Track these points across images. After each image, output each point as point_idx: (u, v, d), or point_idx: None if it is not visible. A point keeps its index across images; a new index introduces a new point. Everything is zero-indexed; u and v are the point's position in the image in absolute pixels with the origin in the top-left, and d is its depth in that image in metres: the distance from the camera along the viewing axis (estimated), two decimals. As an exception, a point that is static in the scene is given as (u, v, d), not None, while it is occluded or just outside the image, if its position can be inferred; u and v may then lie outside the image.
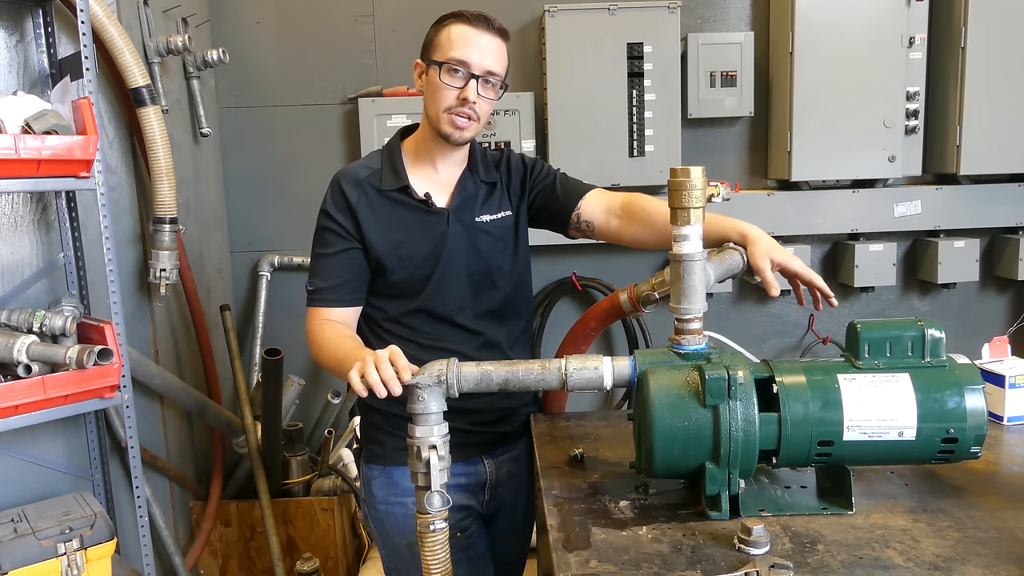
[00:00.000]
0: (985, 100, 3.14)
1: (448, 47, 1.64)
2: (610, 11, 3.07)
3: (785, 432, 1.27)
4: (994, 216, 3.34)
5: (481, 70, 1.64)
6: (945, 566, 1.12)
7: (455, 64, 1.63)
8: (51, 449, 2.25)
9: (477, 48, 1.63)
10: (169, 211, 2.53)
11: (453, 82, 1.63)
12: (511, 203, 1.80)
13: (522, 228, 1.81)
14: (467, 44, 1.63)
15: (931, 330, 1.31)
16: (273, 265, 3.40)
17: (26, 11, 2.20)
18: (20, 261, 2.18)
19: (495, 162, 1.82)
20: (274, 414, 2.83)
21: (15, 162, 1.93)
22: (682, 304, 1.36)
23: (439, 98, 1.65)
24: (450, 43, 1.64)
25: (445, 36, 1.65)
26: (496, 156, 1.84)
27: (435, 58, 1.65)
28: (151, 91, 2.44)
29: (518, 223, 1.80)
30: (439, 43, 1.66)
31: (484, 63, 1.64)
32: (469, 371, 1.36)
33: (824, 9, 3.10)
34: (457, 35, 1.64)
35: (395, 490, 1.73)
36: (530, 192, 1.81)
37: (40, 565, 1.95)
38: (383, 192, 1.70)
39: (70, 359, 1.99)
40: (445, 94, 1.64)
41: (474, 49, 1.63)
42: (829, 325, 3.55)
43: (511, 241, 1.79)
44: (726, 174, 3.40)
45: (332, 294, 1.69)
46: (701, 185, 1.33)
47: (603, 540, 1.23)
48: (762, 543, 1.16)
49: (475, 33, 1.64)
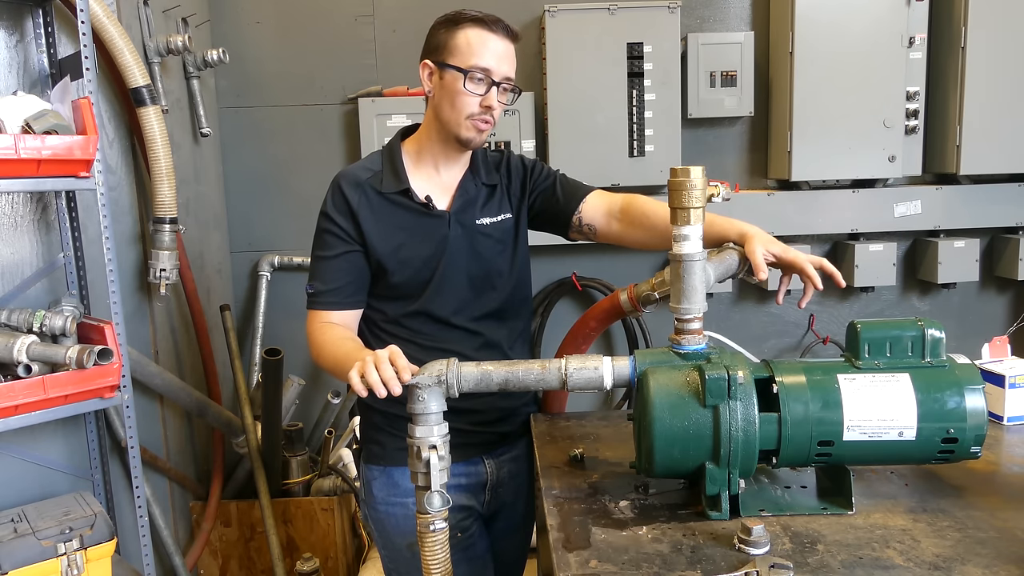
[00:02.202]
0: (985, 100, 3.14)
1: (468, 53, 1.60)
2: (610, 11, 3.07)
3: (785, 432, 1.27)
4: (994, 216, 3.34)
5: (501, 76, 1.62)
6: (945, 566, 1.12)
7: (478, 72, 1.60)
8: (51, 449, 2.25)
9: (496, 54, 1.61)
10: (169, 211, 2.53)
11: (477, 89, 1.61)
12: (511, 205, 1.79)
13: (522, 230, 1.81)
14: (487, 50, 1.60)
15: (931, 330, 1.31)
16: (273, 265, 3.40)
17: (26, 11, 2.20)
18: (20, 261, 2.18)
19: (495, 164, 1.81)
20: (274, 414, 2.83)
21: (15, 162, 1.93)
22: (682, 304, 1.36)
23: (460, 104, 1.62)
24: (470, 49, 1.60)
25: (463, 40, 1.61)
26: (496, 157, 1.83)
27: (453, 63, 1.61)
28: (151, 91, 2.44)
29: (518, 225, 1.80)
30: (456, 47, 1.61)
31: (503, 69, 1.62)
32: (469, 371, 1.36)
33: (824, 9, 3.10)
34: (477, 40, 1.60)
35: (395, 491, 1.73)
36: (530, 194, 1.80)
37: (40, 565, 1.95)
38: (384, 195, 1.69)
39: (70, 359, 1.99)
40: (468, 101, 1.61)
41: (494, 55, 1.61)
42: (829, 325, 3.55)
43: (511, 243, 1.78)
44: (726, 174, 3.40)
45: (332, 297, 1.68)
46: (701, 185, 1.33)
47: (603, 540, 1.23)
48: (762, 543, 1.16)
49: (494, 39, 1.62)
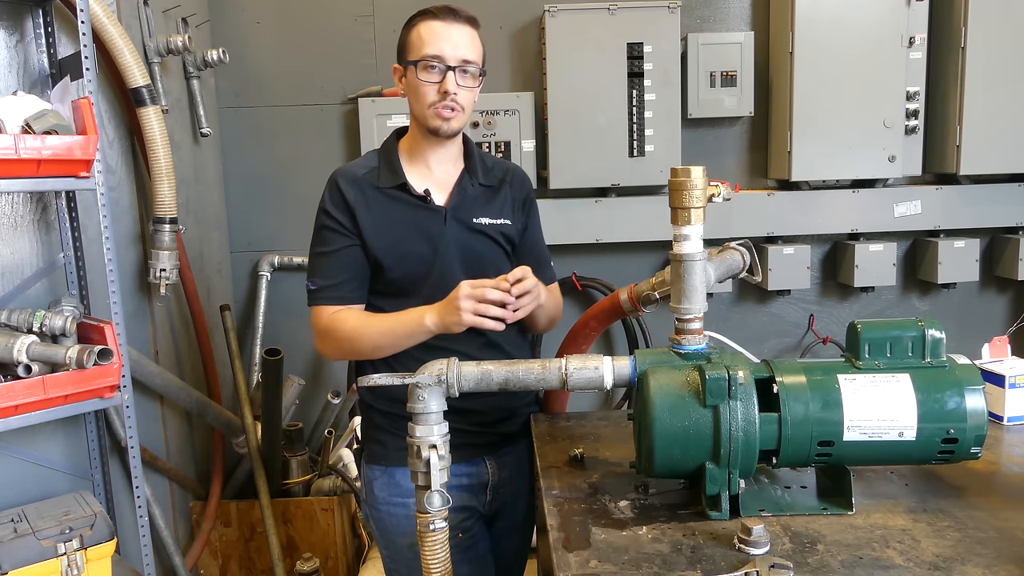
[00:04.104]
0: (985, 100, 3.14)
1: (420, 45, 1.66)
2: (610, 11, 3.07)
3: (785, 432, 1.27)
4: (994, 216, 3.34)
5: (456, 60, 1.65)
6: (945, 566, 1.11)
7: (430, 60, 1.65)
8: (51, 449, 2.25)
9: (448, 40, 1.65)
10: (169, 211, 2.53)
11: (431, 78, 1.65)
12: (512, 213, 1.80)
13: (517, 239, 1.82)
14: (437, 38, 1.65)
15: (931, 330, 1.31)
16: (273, 265, 3.40)
17: (26, 11, 2.20)
18: (20, 261, 2.18)
19: (496, 167, 1.83)
20: (274, 414, 2.83)
21: (15, 162, 1.93)
22: (682, 304, 1.36)
23: (421, 96, 1.67)
24: (421, 41, 1.66)
25: (415, 35, 1.68)
26: (501, 164, 1.85)
27: (410, 58, 1.67)
28: (151, 91, 2.43)
29: (516, 232, 1.81)
30: (411, 43, 1.68)
31: (458, 53, 1.65)
32: (469, 370, 1.36)
33: (824, 9, 3.09)
34: (426, 31, 1.66)
35: (396, 491, 1.73)
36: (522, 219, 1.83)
37: (40, 565, 1.95)
38: (381, 189, 1.71)
39: (70, 359, 1.99)
40: (426, 91, 1.66)
41: (445, 41, 1.65)
42: (829, 325, 3.55)
43: (508, 247, 1.80)
44: (726, 174, 3.40)
45: (335, 292, 1.70)
46: (701, 185, 1.34)
47: (603, 540, 1.22)
48: (762, 543, 1.16)
49: (443, 26, 1.66)
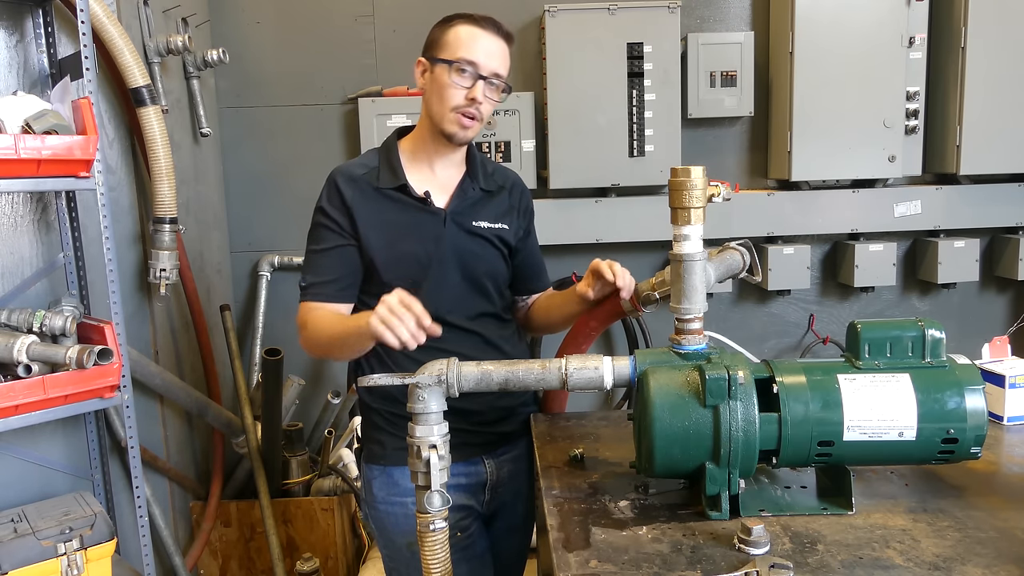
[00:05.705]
0: (985, 100, 3.14)
1: (457, 46, 1.65)
2: (610, 11, 3.07)
3: (785, 432, 1.27)
4: (994, 216, 3.34)
5: (488, 71, 1.65)
6: (945, 566, 1.11)
7: (464, 64, 1.64)
8: (51, 449, 2.25)
9: (485, 49, 1.65)
10: (169, 211, 2.53)
11: (462, 81, 1.65)
12: (511, 219, 1.81)
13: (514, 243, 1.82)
14: (476, 44, 1.65)
15: (931, 330, 1.31)
16: (273, 265, 3.40)
17: (26, 11, 2.20)
18: (20, 261, 2.18)
19: (498, 174, 1.83)
20: (274, 414, 2.83)
21: (15, 162, 1.93)
22: (682, 304, 1.36)
23: (447, 96, 1.66)
24: (459, 42, 1.65)
25: (453, 35, 1.66)
26: (503, 172, 1.85)
27: (442, 56, 1.66)
28: (151, 91, 2.43)
29: (514, 238, 1.81)
30: (447, 42, 1.67)
31: (491, 65, 1.66)
32: (469, 371, 1.36)
33: (824, 9, 3.09)
34: (466, 35, 1.65)
35: (395, 490, 1.73)
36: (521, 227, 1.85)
37: (40, 565, 1.95)
38: (380, 190, 1.70)
39: (70, 359, 1.99)
40: (453, 93, 1.65)
41: (482, 50, 1.65)
42: (829, 325, 3.55)
43: (507, 252, 1.80)
44: (726, 174, 3.40)
45: (324, 289, 1.70)
46: (701, 185, 1.34)
47: (603, 540, 1.22)
48: (762, 543, 1.16)
49: (484, 35, 1.66)
